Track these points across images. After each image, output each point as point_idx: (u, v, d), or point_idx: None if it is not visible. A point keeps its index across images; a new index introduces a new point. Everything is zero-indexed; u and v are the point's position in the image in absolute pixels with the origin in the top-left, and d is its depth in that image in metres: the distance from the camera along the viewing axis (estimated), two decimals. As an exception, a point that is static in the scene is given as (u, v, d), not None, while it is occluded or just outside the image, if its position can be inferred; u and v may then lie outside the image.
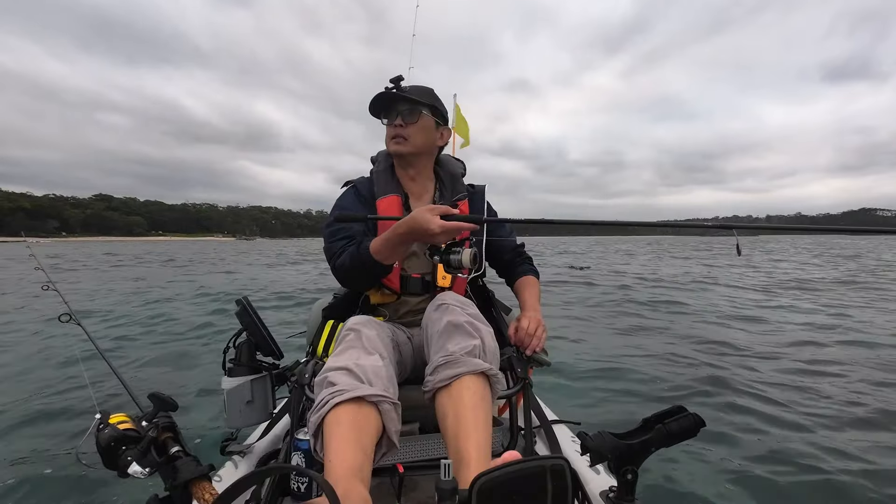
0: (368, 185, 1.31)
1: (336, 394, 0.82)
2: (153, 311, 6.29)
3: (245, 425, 1.27)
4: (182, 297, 7.84)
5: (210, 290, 8.66)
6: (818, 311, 5.97)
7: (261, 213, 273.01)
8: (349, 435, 0.78)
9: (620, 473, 0.85)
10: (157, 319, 5.75)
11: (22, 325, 5.25)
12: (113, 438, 0.80)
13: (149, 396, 0.91)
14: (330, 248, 1.18)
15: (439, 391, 0.90)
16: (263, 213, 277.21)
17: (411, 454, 1.09)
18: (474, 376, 0.89)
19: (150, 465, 0.80)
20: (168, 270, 13.75)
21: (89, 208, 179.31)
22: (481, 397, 0.88)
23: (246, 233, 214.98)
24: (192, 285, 9.68)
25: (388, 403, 0.86)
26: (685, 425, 0.81)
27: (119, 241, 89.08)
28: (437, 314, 1.02)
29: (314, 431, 0.84)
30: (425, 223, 0.99)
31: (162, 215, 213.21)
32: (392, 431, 0.87)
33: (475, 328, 0.97)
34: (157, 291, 8.57)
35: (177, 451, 0.84)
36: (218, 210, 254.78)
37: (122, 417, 0.85)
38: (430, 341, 1.00)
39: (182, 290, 8.69)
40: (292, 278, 11.65)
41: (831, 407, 2.53)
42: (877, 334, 4.56)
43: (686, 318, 5.70)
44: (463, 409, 0.85)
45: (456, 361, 0.90)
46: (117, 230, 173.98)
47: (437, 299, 1.08)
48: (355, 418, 0.81)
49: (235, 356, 1.27)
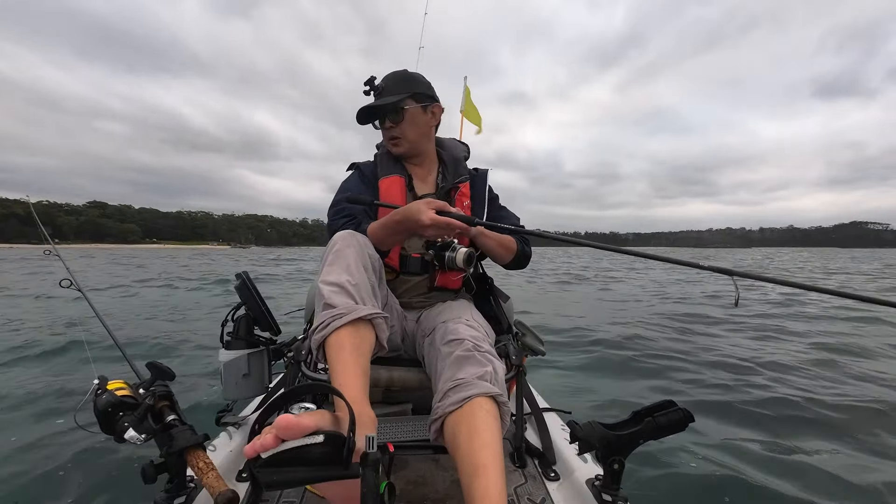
0: (372, 167, 1.32)
1: (336, 317, 0.87)
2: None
3: (241, 398, 1.29)
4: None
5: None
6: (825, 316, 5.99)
7: (256, 222, 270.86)
8: (352, 359, 0.83)
9: (607, 463, 0.86)
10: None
11: (26, 292, 5.29)
12: (110, 404, 0.81)
13: (147, 365, 0.93)
14: (331, 227, 1.20)
15: (450, 416, 0.86)
16: (259, 221, 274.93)
17: (402, 434, 1.10)
18: (487, 398, 0.86)
19: (147, 432, 0.81)
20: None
21: (83, 215, 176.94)
22: (494, 417, 0.85)
23: (241, 241, 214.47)
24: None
25: (380, 318, 0.92)
26: (674, 419, 0.83)
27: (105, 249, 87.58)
28: (448, 349, 0.98)
29: (316, 347, 0.89)
30: (417, 213, 1.01)
31: (156, 223, 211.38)
32: (382, 338, 0.93)
33: (486, 358, 0.95)
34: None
35: (173, 419, 0.85)
36: (213, 218, 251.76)
37: (120, 384, 0.87)
38: (441, 372, 0.95)
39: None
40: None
41: (826, 403, 2.56)
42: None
43: (685, 316, 5.72)
44: (477, 426, 0.82)
45: (467, 385, 0.87)
46: (111, 237, 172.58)
47: (449, 332, 1.02)
48: (354, 340, 0.86)
49: (233, 330, 1.28)
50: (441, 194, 1.29)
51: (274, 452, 0.56)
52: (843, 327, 4.97)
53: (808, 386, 2.92)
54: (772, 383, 2.94)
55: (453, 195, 1.30)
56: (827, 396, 2.66)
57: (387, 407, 1.17)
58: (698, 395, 2.76)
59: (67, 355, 3.39)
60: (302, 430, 0.58)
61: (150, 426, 0.82)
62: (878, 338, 4.40)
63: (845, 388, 2.87)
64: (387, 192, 1.25)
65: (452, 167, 1.33)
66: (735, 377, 3.09)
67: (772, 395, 2.71)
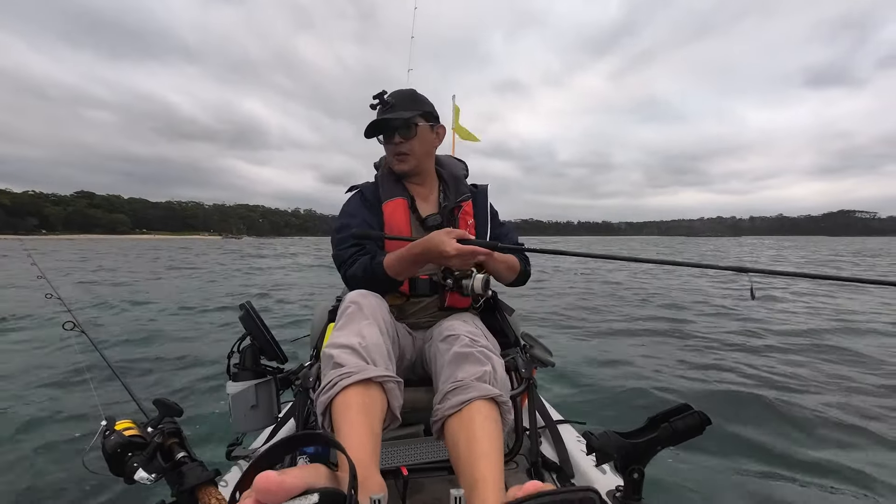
0: (374, 189, 1.31)
1: (344, 376, 0.83)
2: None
3: (250, 430, 1.27)
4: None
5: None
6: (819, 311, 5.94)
7: (248, 212, 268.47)
8: (360, 419, 0.79)
9: (627, 473, 0.84)
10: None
11: (24, 328, 5.27)
12: (119, 445, 0.80)
13: (154, 402, 0.92)
14: (339, 256, 1.19)
15: (449, 419, 0.86)
16: (251, 211, 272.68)
17: (416, 457, 1.09)
18: (486, 401, 0.86)
19: (157, 471, 0.80)
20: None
21: (71, 205, 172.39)
22: (494, 421, 0.85)
23: (233, 231, 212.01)
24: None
25: (392, 382, 0.88)
26: (691, 423, 0.81)
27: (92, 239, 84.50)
28: (446, 345, 0.99)
29: (322, 410, 0.85)
30: (441, 244, 1.01)
31: (146, 213, 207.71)
32: (395, 407, 0.89)
33: (485, 356, 0.95)
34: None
35: (182, 456, 0.84)
36: (204, 208, 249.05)
37: (128, 424, 0.86)
38: (440, 371, 0.97)
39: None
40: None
41: (849, 406, 2.52)
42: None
43: (689, 315, 5.68)
44: (475, 433, 0.81)
45: (466, 387, 0.87)
46: (100, 228, 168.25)
47: (445, 329, 1.04)
48: (363, 400, 0.82)
49: (240, 361, 1.28)
50: (445, 214, 1.28)
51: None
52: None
53: (824, 382, 2.88)
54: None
55: (457, 214, 1.29)
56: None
57: (398, 429, 1.15)
58: (713, 397, 2.72)
59: (73, 394, 3.36)
60: (289, 491, 0.47)
61: (160, 465, 0.81)
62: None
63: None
64: (391, 216, 1.24)
65: (454, 186, 1.33)
66: (742, 370, 3.05)
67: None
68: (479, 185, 1.40)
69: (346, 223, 1.21)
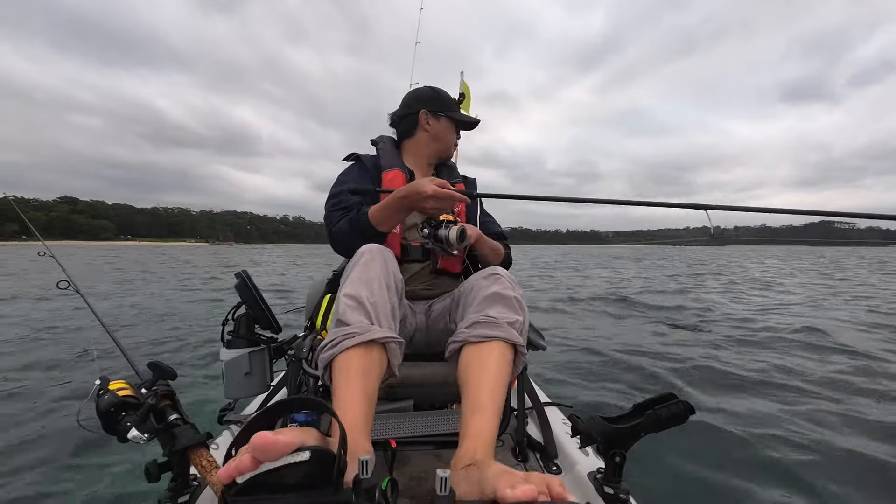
0: (374, 159, 1.39)
1: (347, 336, 0.84)
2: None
3: (242, 396, 1.29)
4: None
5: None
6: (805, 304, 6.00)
7: (236, 219, 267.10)
8: (357, 382, 0.80)
9: (609, 456, 0.87)
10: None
11: (23, 293, 5.28)
12: (112, 404, 0.81)
13: (148, 365, 0.93)
14: (329, 217, 1.23)
15: (470, 345, 0.90)
16: (239, 218, 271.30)
17: (404, 430, 1.11)
18: (509, 346, 0.90)
19: (149, 431, 0.81)
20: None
21: (53, 211, 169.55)
22: (507, 363, 0.89)
23: (220, 238, 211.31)
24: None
25: (395, 343, 0.89)
26: (675, 412, 0.83)
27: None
28: (487, 282, 1.01)
29: (324, 366, 0.86)
30: (420, 185, 1.06)
31: (131, 219, 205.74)
32: (395, 365, 0.91)
33: (521, 307, 0.98)
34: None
35: (175, 418, 0.85)
36: (191, 215, 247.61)
37: (122, 384, 0.87)
38: (471, 302, 0.99)
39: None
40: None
41: (827, 396, 2.57)
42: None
43: (684, 312, 5.73)
44: (490, 366, 0.86)
45: (497, 325, 0.90)
46: (83, 234, 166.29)
47: (490, 269, 1.06)
48: (363, 363, 0.83)
49: (234, 328, 1.28)
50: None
51: (251, 476, 0.49)
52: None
53: (810, 373, 2.93)
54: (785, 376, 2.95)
55: None
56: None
57: (388, 403, 1.17)
58: (698, 387, 2.77)
59: (69, 355, 3.40)
60: (282, 448, 0.50)
61: (153, 425, 0.82)
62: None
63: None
64: (390, 183, 1.31)
65: (447, 171, 1.49)
66: (728, 363, 3.10)
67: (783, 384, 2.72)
68: (468, 178, 1.53)
69: (342, 189, 1.26)
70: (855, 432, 2.11)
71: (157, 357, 1.26)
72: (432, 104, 1.40)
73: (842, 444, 1.97)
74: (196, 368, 3.14)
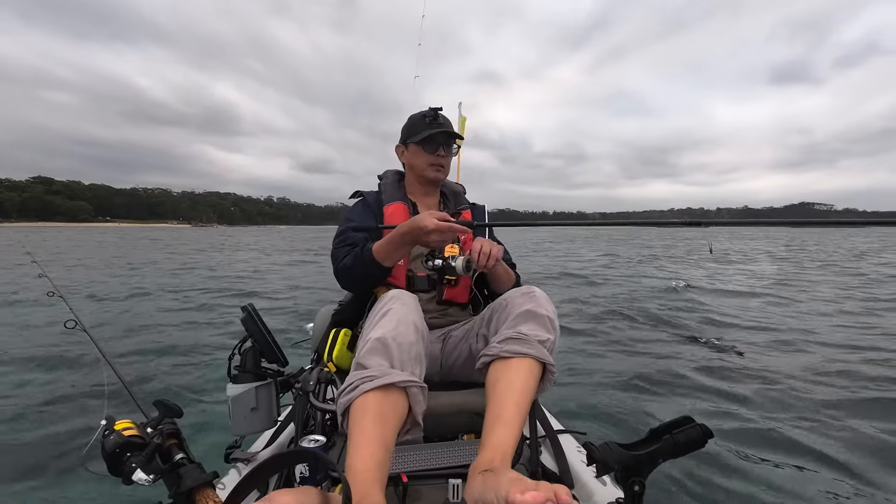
0: (376, 195, 1.42)
1: (366, 379, 0.84)
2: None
3: (250, 433, 1.27)
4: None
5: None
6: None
7: (219, 200, 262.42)
8: (372, 427, 0.79)
9: (627, 485, 0.84)
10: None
11: (24, 324, 5.29)
12: (118, 445, 0.80)
13: (154, 403, 0.92)
14: (335, 254, 1.27)
15: (499, 360, 0.92)
16: (221, 199, 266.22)
17: (415, 463, 1.08)
18: (538, 364, 0.92)
19: (155, 472, 0.80)
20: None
21: (27, 191, 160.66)
22: (534, 382, 0.91)
23: (202, 219, 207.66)
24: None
25: (416, 388, 0.88)
26: (693, 436, 0.80)
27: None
28: (522, 299, 1.03)
29: (342, 411, 0.85)
30: (422, 220, 1.09)
31: (110, 200, 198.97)
32: (418, 413, 0.90)
33: (553, 326, 0.99)
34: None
35: (181, 458, 0.84)
36: (172, 195, 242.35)
37: (128, 424, 0.86)
38: (505, 319, 1.02)
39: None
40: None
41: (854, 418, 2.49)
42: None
43: (695, 325, 5.64)
44: (516, 383, 0.88)
45: (528, 342, 0.93)
46: (60, 216, 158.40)
47: (527, 287, 1.08)
48: (381, 407, 0.82)
49: (240, 363, 1.27)
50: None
51: None
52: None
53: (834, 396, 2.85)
54: (790, 393, 2.86)
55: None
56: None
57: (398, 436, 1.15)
58: (716, 410, 2.70)
59: (73, 392, 3.36)
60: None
61: (159, 466, 0.81)
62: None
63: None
64: (391, 217, 1.33)
65: (453, 198, 1.49)
66: (744, 381, 3.03)
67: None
68: (476, 204, 1.52)
69: (347, 227, 1.30)
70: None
71: (161, 392, 1.25)
72: (402, 135, 1.42)
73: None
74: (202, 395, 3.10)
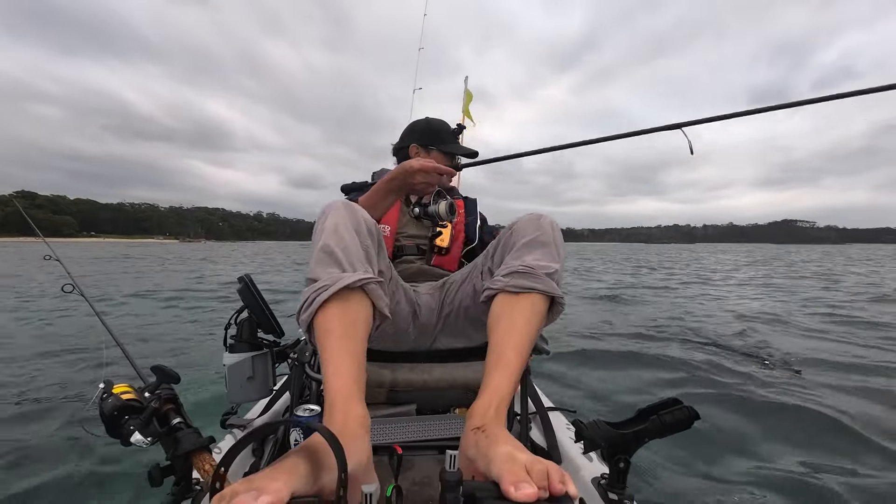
0: (367, 188, 1.43)
1: (320, 290, 0.79)
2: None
3: (245, 400, 1.29)
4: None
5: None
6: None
7: (207, 215, 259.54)
8: (340, 344, 0.76)
9: (613, 462, 0.86)
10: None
11: (25, 293, 5.31)
12: (116, 408, 0.81)
13: (152, 368, 0.93)
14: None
15: (504, 294, 0.88)
16: (210, 214, 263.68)
17: (408, 435, 1.10)
18: (544, 298, 0.87)
19: (152, 435, 0.81)
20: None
21: (9, 206, 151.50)
22: (540, 320, 0.87)
23: (191, 235, 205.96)
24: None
25: (374, 283, 0.84)
26: (679, 417, 0.82)
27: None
28: (528, 226, 0.97)
29: (305, 328, 0.82)
30: (408, 163, 1.11)
31: (95, 215, 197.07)
32: (382, 307, 0.86)
33: (559, 253, 0.94)
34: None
35: (178, 422, 0.85)
36: (159, 210, 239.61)
37: (126, 388, 0.87)
38: (510, 248, 0.96)
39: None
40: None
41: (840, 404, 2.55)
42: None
43: (684, 311, 5.70)
44: (520, 322, 0.84)
45: (536, 276, 0.87)
46: (43, 230, 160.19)
47: (535, 215, 1.01)
48: (343, 319, 0.78)
49: (237, 333, 1.29)
50: None
51: None
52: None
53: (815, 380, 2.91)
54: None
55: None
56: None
57: (391, 407, 1.17)
58: (703, 393, 2.75)
59: (73, 357, 3.41)
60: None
61: (156, 429, 0.82)
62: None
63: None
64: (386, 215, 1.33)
65: (447, 192, 1.47)
66: (732, 367, 3.08)
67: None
68: (468, 198, 1.56)
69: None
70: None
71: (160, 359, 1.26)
72: (423, 138, 1.43)
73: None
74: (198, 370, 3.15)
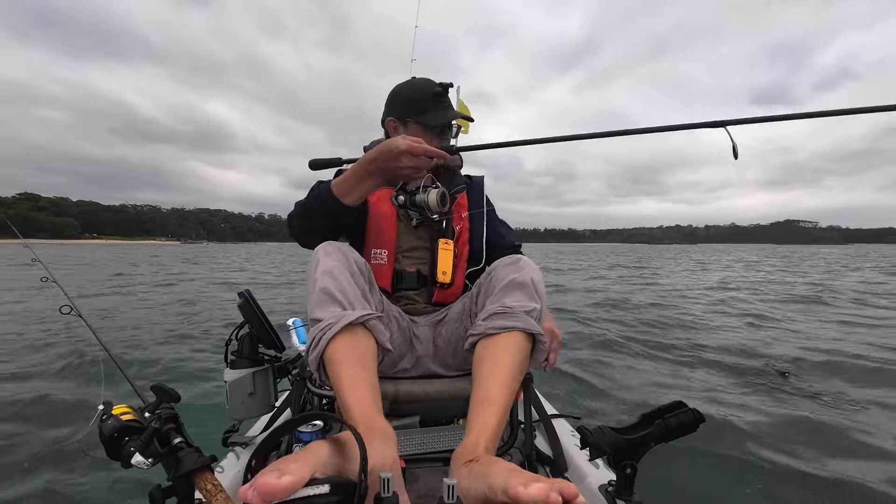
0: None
1: (326, 329, 0.83)
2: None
3: (247, 417, 1.28)
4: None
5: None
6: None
7: (209, 216, 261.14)
8: (353, 372, 0.80)
9: (619, 468, 0.85)
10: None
11: (23, 316, 5.28)
12: (116, 429, 0.80)
13: (151, 387, 0.92)
14: (289, 217, 1.13)
15: (485, 338, 0.90)
16: (212, 216, 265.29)
17: (412, 447, 1.09)
18: (524, 336, 0.88)
19: (153, 456, 0.80)
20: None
21: (12, 208, 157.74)
22: (523, 357, 0.88)
23: (192, 236, 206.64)
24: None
25: (374, 319, 0.88)
26: (685, 420, 0.81)
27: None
28: (506, 270, 0.98)
29: (315, 367, 0.85)
30: (392, 143, 0.94)
31: (97, 217, 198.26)
32: (384, 341, 0.90)
33: (539, 293, 0.95)
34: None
35: (179, 441, 0.84)
36: (161, 212, 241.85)
37: (125, 409, 0.86)
38: (490, 293, 0.97)
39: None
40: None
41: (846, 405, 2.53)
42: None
43: (685, 315, 5.69)
44: (503, 360, 0.85)
45: (513, 315, 0.89)
46: (45, 232, 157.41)
47: (511, 257, 1.02)
48: (352, 351, 0.83)
49: (237, 348, 1.28)
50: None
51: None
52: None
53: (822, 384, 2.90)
54: (781, 379, 2.91)
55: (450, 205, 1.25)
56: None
57: (394, 420, 1.16)
58: (707, 395, 2.74)
59: (70, 378, 3.37)
60: (289, 488, 0.48)
61: (157, 450, 0.81)
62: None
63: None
64: (376, 204, 1.21)
65: (447, 176, 1.29)
66: (735, 368, 3.07)
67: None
68: (473, 177, 1.36)
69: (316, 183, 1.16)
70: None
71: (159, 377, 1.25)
72: (400, 109, 1.22)
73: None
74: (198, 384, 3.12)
